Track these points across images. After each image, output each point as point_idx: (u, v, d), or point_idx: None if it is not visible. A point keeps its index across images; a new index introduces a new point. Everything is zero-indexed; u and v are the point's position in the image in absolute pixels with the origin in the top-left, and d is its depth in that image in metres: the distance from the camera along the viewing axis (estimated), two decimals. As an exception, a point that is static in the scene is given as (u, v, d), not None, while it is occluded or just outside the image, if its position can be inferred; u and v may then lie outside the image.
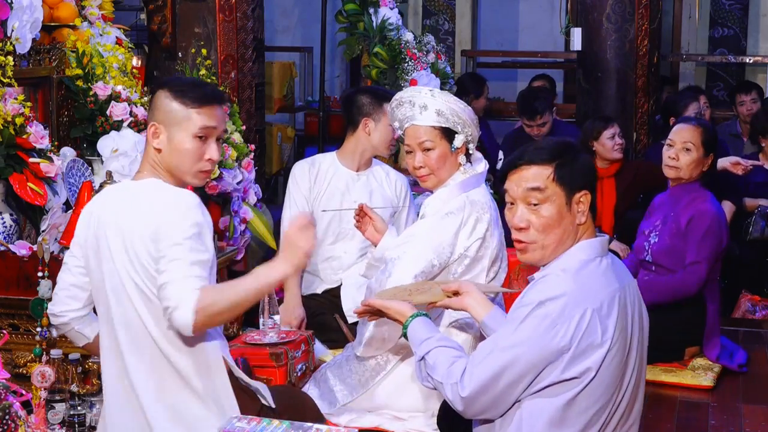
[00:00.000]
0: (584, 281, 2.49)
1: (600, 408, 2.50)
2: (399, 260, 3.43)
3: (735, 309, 5.38)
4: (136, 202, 2.71)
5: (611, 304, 2.48)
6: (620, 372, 2.52)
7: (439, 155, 3.56)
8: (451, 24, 9.62)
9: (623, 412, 2.57)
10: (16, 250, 3.59)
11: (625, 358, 2.52)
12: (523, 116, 6.31)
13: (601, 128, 5.65)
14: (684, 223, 4.35)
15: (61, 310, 2.86)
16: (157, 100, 2.78)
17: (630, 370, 2.55)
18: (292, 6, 10.00)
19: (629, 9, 6.48)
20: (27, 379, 3.05)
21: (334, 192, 4.48)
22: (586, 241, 2.58)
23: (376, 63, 5.86)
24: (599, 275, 2.53)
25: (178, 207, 2.64)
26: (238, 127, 4.80)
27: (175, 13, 5.45)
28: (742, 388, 4.20)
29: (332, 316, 4.38)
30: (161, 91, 2.78)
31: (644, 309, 2.66)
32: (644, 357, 2.65)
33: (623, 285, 2.56)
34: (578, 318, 2.43)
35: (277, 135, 8.12)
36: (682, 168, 4.38)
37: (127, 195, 2.76)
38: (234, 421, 2.64)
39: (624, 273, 2.62)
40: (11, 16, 3.87)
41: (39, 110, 4.16)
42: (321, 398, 3.62)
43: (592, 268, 2.53)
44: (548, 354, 2.43)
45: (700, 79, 8.99)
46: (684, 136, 4.39)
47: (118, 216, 2.71)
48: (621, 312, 2.50)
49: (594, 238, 2.60)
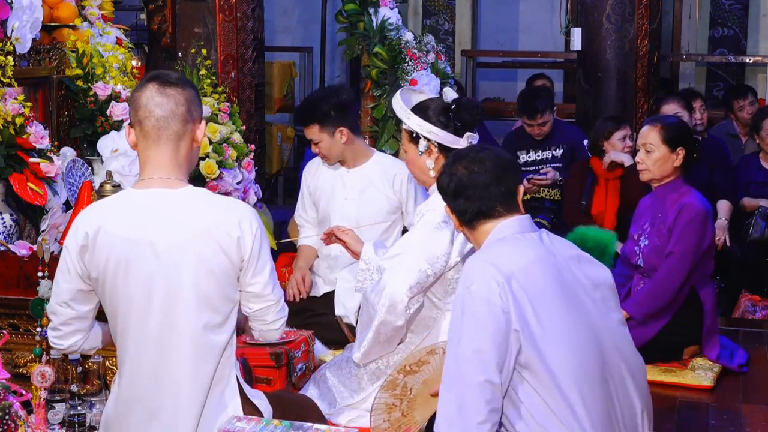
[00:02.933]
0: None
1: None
2: (393, 271, 3.43)
3: (735, 309, 5.38)
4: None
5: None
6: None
7: (408, 159, 3.63)
8: (451, 24, 9.62)
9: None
10: (16, 250, 3.59)
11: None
12: (524, 115, 6.30)
13: (613, 129, 5.61)
14: (671, 219, 4.33)
15: (70, 344, 2.78)
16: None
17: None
18: (292, 6, 10.00)
19: (629, 9, 6.48)
20: (27, 379, 3.05)
21: (326, 186, 4.58)
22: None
23: (376, 63, 5.85)
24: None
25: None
26: (238, 127, 4.80)
27: (175, 13, 5.46)
28: (742, 388, 4.20)
29: (332, 316, 4.39)
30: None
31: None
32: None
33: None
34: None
35: (277, 135, 8.13)
36: (649, 169, 4.38)
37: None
38: (234, 421, 2.64)
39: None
40: (11, 16, 3.87)
41: (39, 110, 4.16)
42: (321, 398, 3.62)
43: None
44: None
45: (700, 79, 8.99)
46: (643, 137, 4.41)
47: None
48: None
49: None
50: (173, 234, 2.62)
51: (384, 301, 3.39)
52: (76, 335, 2.77)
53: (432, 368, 3.24)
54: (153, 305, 2.63)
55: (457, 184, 2.80)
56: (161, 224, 2.63)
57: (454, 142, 3.50)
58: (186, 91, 2.66)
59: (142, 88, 2.67)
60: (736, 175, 6.00)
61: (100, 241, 2.62)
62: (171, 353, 2.65)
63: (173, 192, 2.66)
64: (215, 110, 4.65)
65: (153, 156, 2.66)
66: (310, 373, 3.88)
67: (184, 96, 2.65)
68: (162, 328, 2.64)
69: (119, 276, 2.63)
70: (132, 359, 2.68)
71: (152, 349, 2.66)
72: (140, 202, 2.66)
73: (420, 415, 3.25)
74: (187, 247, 2.62)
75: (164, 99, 2.63)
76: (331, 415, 3.54)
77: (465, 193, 2.79)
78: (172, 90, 2.64)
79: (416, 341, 3.52)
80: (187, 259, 2.62)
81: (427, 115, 3.52)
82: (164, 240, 2.62)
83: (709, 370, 4.28)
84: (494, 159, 2.82)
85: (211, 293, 2.65)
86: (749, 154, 6.10)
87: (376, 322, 3.43)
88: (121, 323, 2.68)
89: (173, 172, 2.67)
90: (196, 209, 2.66)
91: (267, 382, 3.59)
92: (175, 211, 2.65)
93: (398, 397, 3.28)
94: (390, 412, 3.27)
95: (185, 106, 2.64)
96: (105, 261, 2.63)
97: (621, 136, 5.60)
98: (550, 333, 2.59)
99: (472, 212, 2.79)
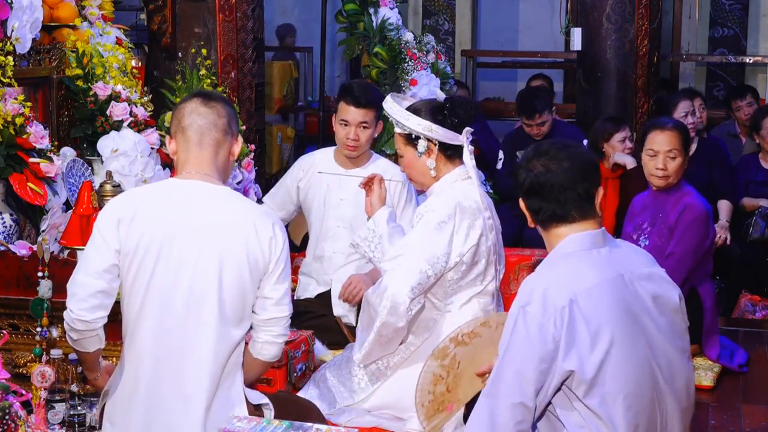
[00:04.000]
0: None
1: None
2: (394, 273, 3.42)
3: (735, 309, 5.38)
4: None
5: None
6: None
7: (406, 162, 3.61)
8: (451, 24, 9.62)
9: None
10: (16, 250, 3.59)
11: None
12: (522, 115, 6.30)
13: (612, 130, 5.59)
14: (673, 220, 4.33)
15: (93, 317, 2.76)
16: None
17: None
18: (292, 6, 10.00)
19: (629, 9, 6.48)
20: (27, 379, 3.05)
21: (321, 185, 4.44)
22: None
23: (376, 63, 5.85)
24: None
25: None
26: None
27: (175, 13, 5.45)
28: (742, 388, 4.20)
29: (332, 317, 4.38)
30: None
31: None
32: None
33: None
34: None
35: (277, 135, 8.13)
36: (671, 175, 4.35)
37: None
38: (234, 421, 2.65)
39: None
40: (11, 16, 3.88)
41: (39, 110, 4.16)
42: (321, 399, 3.62)
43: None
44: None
45: (700, 79, 9.00)
46: (668, 143, 4.34)
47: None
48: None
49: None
50: (210, 220, 2.74)
51: (386, 303, 3.39)
52: (100, 310, 2.77)
53: (482, 342, 3.21)
54: (181, 287, 2.72)
55: (533, 181, 2.66)
56: (199, 210, 2.75)
57: (454, 138, 3.51)
58: (227, 107, 2.86)
59: (186, 101, 2.86)
60: (736, 175, 6.00)
61: (138, 218, 2.73)
62: (194, 340, 2.72)
63: (212, 186, 2.80)
64: (215, 110, 4.65)
65: (194, 156, 2.81)
66: (310, 373, 3.88)
67: (226, 110, 2.84)
68: (189, 313, 2.72)
69: (150, 254, 2.71)
70: (145, 342, 2.74)
71: (176, 333, 2.72)
72: (180, 188, 2.80)
73: (463, 393, 3.24)
74: (221, 234, 2.73)
75: (208, 110, 2.81)
76: (331, 416, 3.54)
77: (541, 192, 2.66)
78: (215, 104, 2.83)
79: (417, 342, 3.52)
80: (221, 246, 2.72)
81: (423, 115, 3.53)
82: (200, 224, 2.73)
83: (709, 370, 4.28)
84: (574, 158, 2.65)
85: (237, 285, 2.75)
86: (749, 154, 6.10)
87: (377, 323, 3.43)
88: (140, 303, 2.73)
89: (212, 172, 2.83)
90: (235, 204, 2.80)
91: (267, 382, 3.59)
92: (213, 200, 2.78)
93: (446, 368, 3.25)
94: (436, 384, 3.25)
95: (226, 119, 2.83)
96: (139, 237, 2.71)
97: (621, 137, 5.57)
98: (606, 363, 2.50)
99: (546, 214, 2.67)
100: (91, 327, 2.78)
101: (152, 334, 2.74)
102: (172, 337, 2.73)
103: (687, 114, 5.72)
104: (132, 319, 2.77)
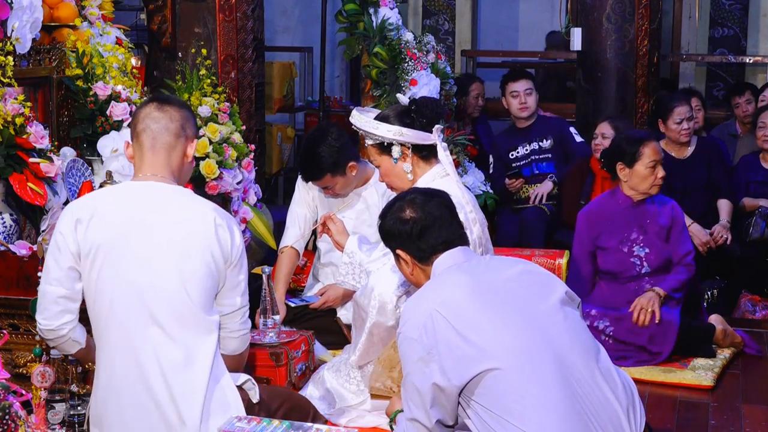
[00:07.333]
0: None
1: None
2: (379, 272, 3.46)
3: (735, 309, 5.38)
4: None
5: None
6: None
7: (383, 172, 3.66)
8: (451, 24, 9.61)
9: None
10: (16, 250, 3.59)
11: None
12: (509, 81, 6.32)
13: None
14: (666, 223, 4.55)
15: (59, 324, 2.82)
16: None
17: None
18: (292, 6, 9.99)
19: (629, 9, 6.48)
20: (27, 379, 3.05)
21: (323, 198, 4.54)
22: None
23: (376, 63, 5.85)
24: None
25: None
26: (238, 127, 4.80)
27: (175, 13, 5.46)
28: (742, 388, 4.21)
29: (331, 318, 4.39)
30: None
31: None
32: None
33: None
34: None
35: (277, 135, 8.11)
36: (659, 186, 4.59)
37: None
38: (234, 421, 2.65)
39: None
40: (11, 16, 3.88)
41: (39, 110, 4.16)
42: (320, 399, 3.64)
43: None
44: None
45: (700, 79, 8.98)
46: (658, 152, 4.56)
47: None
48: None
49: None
50: (167, 218, 2.79)
51: (374, 303, 3.44)
52: (65, 315, 2.81)
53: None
54: (141, 285, 2.74)
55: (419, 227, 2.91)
56: (156, 207, 2.81)
57: (426, 138, 3.55)
58: (182, 111, 2.93)
59: (142, 106, 2.93)
60: (736, 175, 5.99)
61: (96, 219, 2.77)
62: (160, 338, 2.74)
63: (167, 185, 2.86)
64: (215, 110, 4.65)
65: (148, 160, 2.89)
66: (310, 373, 3.88)
67: (179, 114, 2.91)
68: (151, 310, 2.74)
69: (112, 253, 2.75)
70: (115, 341, 2.76)
71: (141, 331, 2.74)
72: (136, 189, 2.86)
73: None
74: (178, 231, 2.77)
75: (161, 114, 2.89)
76: (331, 416, 3.55)
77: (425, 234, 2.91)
78: (168, 107, 2.91)
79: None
80: (178, 243, 2.76)
81: (391, 121, 3.57)
82: (157, 222, 2.78)
83: (709, 370, 4.28)
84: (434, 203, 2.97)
85: (198, 279, 2.77)
86: (749, 154, 6.09)
87: (368, 324, 3.48)
88: (107, 303, 2.75)
89: (167, 174, 2.89)
90: (190, 201, 2.86)
91: (267, 382, 3.59)
92: (170, 198, 2.84)
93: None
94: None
95: (179, 122, 2.90)
96: (97, 237, 2.76)
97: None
98: (484, 343, 2.63)
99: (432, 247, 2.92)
100: (59, 334, 2.83)
101: (120, 334, 2.75)
102: (138, 337, 2.73)
103: (682, 121, 5.67)
104: (102, 323, 2.78)
